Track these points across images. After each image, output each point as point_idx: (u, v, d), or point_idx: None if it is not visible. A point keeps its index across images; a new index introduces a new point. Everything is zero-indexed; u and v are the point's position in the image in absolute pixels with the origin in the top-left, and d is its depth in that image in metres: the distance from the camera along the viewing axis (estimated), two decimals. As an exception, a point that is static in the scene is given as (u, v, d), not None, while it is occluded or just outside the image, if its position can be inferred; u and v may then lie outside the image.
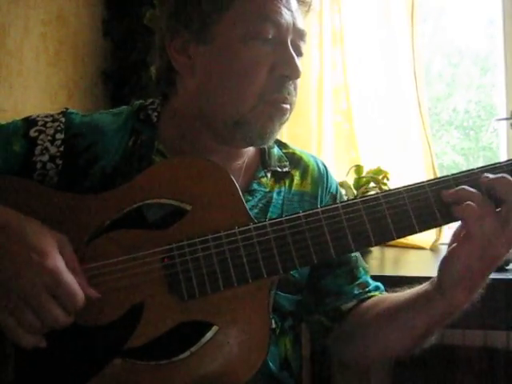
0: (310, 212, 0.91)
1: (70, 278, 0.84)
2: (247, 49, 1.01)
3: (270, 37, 1.01)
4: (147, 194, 0.93)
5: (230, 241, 0.90)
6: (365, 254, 1.92)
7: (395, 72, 2.25)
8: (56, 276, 0.82)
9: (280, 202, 1.13)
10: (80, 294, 0.84)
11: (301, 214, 0.91)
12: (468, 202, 0.88)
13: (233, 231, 0.90)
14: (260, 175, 1.13)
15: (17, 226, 0.86)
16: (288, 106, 1.05)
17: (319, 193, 1.19)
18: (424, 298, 0.99)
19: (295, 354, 1.14)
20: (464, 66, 2.61)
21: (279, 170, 1.16)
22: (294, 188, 1.16)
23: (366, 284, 1.18)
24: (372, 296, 1.16)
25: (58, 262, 0.83)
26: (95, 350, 0.89)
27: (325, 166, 1.24)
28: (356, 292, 1.16)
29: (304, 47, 1.08)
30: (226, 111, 1.03)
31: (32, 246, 0.83)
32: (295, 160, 1.21)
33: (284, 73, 1.02)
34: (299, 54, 1.06)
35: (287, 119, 1.08)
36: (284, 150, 1.22)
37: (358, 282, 1.17)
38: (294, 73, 1.03)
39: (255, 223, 0.91)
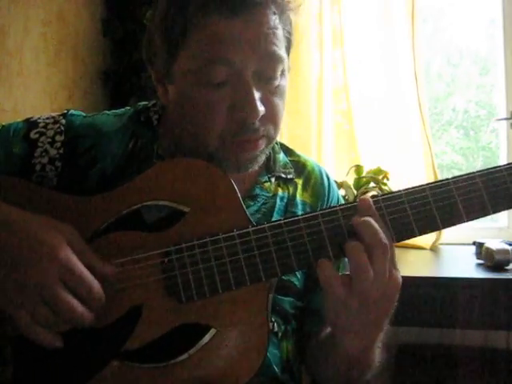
0: (309, 215, 0.91)
1: (82, 268, 0.84)
2: (201, 94, 0.96)
3: (224, 79, 0.95)
4: (146, 196, 0.93)
5: (229, 244, 0.90)
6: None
7: (395, 72, 2.25)
8: (69, 266, 0.82)
9: (283, 208, 1.12)
10: (94, 281, 0.84)
11: (300, 217, 0.91)
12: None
13: (231, 234, 0.90)
14: (263, 180, 1.12)
15: (23, 222, 0.86)
16: (259, 142, 0.99)
17: (321, 205, 1.17)
18: (331, 342, 0.99)
19: (297, 357, 1.14)
20: (464, 66, 2.61)
21: (283, 176, 1.15)
22: (297, 196, 1.15)
23: None
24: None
25: (69, 254, 0.83)
26: (93, 352, 0.89)
27: (328, 178, 1.22)
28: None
29: (280, 69, 0.98)
30: (197, 145, 1.00)
31: (41, 240, 0.83)
32: (299, 168, 1.19)
33: (242, 115, 0.95)
34: (270, 78, 0.98)
35: (267, 148, 1.03)
36: (290, 158, 1.20)
37: None
38: (252, 115, 0.95)
39: (254, 226, 0.91)
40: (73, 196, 0.95)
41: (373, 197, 0.93)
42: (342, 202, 1.24)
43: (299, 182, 1.17)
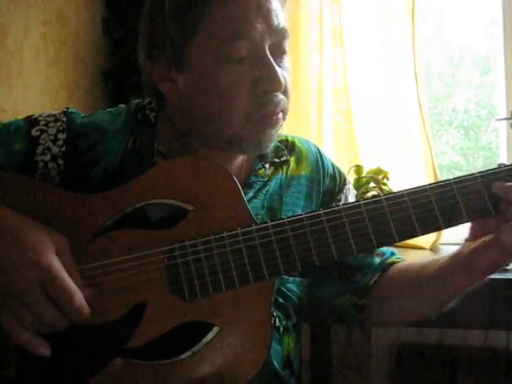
0: (313, 214, 0.92)
1: (65, 275, 0.83)
2: (223, 72, 0.97)
3: (245, 55, 0.97)
4: (150, 194, 0.93)
5: (232, 242, 0.90)
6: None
7: (395, 72, 2.25)
8: (51, 273, 0.82)
9: (277, 187, 1.13)
10: (77, 291, 0.84)
11: (303, 216, 0.91)
12: None
13: (235, 232, 0.90)
14: (257, 167, 1.14)
15: (12, 226, 0.86)
16: (279, 116, 1.03)
17: (317, 176, 1.19)
18: (449, 273, 1.02)
19: (297, 354, 1.15)
20: (464, 66, 2.61)
21: (277, 160, 1.16)
22: (289, 173, 1.16)
23: (382, 252, 1.20)
24: (391, 263, 1.19)
25: (53, 260, 0.83)
26: (96, 349, 0.89)
27: (317, 148, 1.25)
28: (377, 262, 1.18)
29: (288, 44, 1.03)
30: (216, 132, 1.02)
31: (27, 245, 0.83)
32: (289, 146, 1.21)
33: (266, 88, 0.99)
34: (283, 53, 1.02)
35: (282, 125, 1.06)
36: (278, 139, 1.21)
37: (376, 253, 1.19)
38: (277, 85, 0.99)
39: (257, 224, 0.91)
40: (77, 193, 0.96)
41: (375, 196, 0.93)
42: (336, 168, 1.25)
43: (291, 159, 1.19)
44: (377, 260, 1.18)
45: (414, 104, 2.19)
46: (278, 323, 1.08)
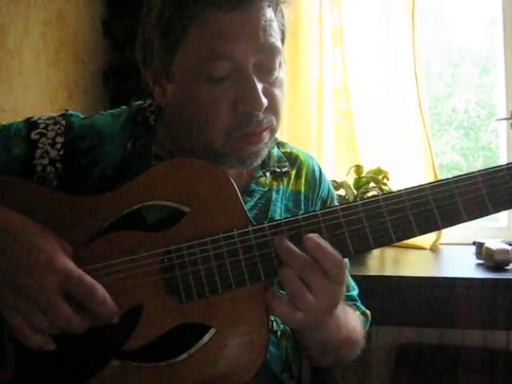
0: (309, 215, 0.91)
1: (82, 272, 0.83)
2: (202, 90, 0.96)
3: (224, 74, 0.96)
4: (146, 196, 0.93)
5: (229, 243, 0.90)
6: (365, 254, 1.93)
7: (395, 72, 2.25)
8: (69, 273, 0.82)
9: (279, 200, 1.14)
10: (99, 286, 0.83)
11: (299, 217, 0.91)
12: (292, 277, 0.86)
13: (231, 233, 0.90)
14: (258, 175, 1.14)
15: (21, 229, 0.86)
16: (263, 135, 1.00)
17: (312, 196, 1.19)
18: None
19: (296, 356, 1.15)
20: (464, 66, 2.61)
21: (278, 170, 1.16)
22: (290, 187, 1.17)
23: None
24: None
25: (67, 261, 0.84)
26: (93, 352, 0.89)
27: (320, 169, 1.24)
28: None
29: (278, 60, 1.00)
30: (200, 145, 1.01)
31: (39, 248, 0.83)
32: (292, 159, 1.21)
33: (247, 109, 0.96)
34: (271, 69, 0.99)
35: (270, 141, 1.03)
36: (282, 150, 1.22)
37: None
38: (257, 106, 0.96)
39: (254, 225, 0.91)
40: (74, 196, 0.95)
41: (373, 196, 0.93)
42: (333, 193, 1.25)
43: (292, 172, 1.19)
44: None
45: (414, 104, 2.20)
46: (275, 327, 1.08)
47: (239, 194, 0.94)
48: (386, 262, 2.05)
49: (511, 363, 2.02)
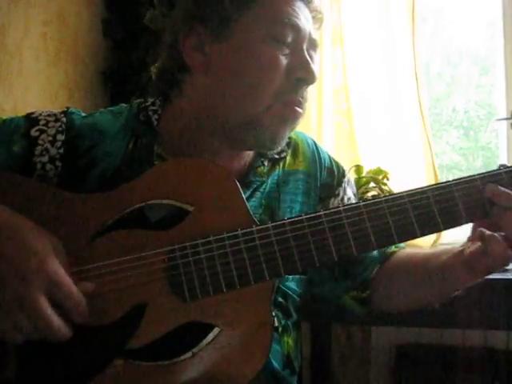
0: (313, 215, 0.92)
1: (70, 281, 0.84)
2: (266, 49, 1.01)
3: (289, 40, 1.02)
4: (150, 195, 0.93)
5: (233, 243, 0.90)
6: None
7: (395, 72, 2.25)
8: (57, 279, 0.82)
9: (274, 185, 1.13)
10: (81, 297, 0.84)
11: (303, 217, 0.91)
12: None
13: (235, 233, 0.90)
14: (256, 165, 1.13)
15: (13, 227, 0.86)
16: (301, 110, 1.05)
17: (314, 171, 1.19)
18: (450, 270, 1.03)
19: (297, 352, 1.15)
20: (464, 66, 2.61)
21: (276, 156, 1.16)
22: (286, 168, 1.16)
23: None
24: (391, 253, 1.19)
25: (57, 266, 0.83)
26: (97, 350, 0.89)
27: (313, 141, 1.25)
28: (377, 255, 1.18)
29: (316, 57, 1.08)
30: (240, 110, 1.02)
31: (30, 248, 0.83)
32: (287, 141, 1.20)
33: (301, 76, 1.03)
34: (312, 62, 1.06)
35: (297, 125, 1.08)
36: None
37: None
38: (311, 77, 1.04)
39: (258, 225, 0.91)
40: (76, 194, 0.95)
41: (374, 197, 0.93)
42: (334, 161, 1.25)
43: (288, 153, 1.18)
44: (376, 252, 1.18)
45: (414, 104, 2.19)
46: (276, 323, 1.08)
47: (242, 193, 0.94)
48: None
49: (511, 363, 2.01)
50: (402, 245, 1.21)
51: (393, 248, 1.20)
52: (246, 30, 1.02)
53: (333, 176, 1.21)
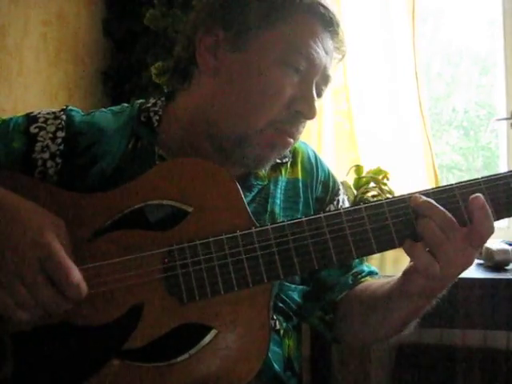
0: (313, 218, 0.91)
1: (63, 253, 0.83)
2: (275, 73, 1.00)
3: (302, 69, 1.01)
4: (149, 195, 0.93)
5: (232, 245, 0.90)
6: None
7: (395, 72, 2.25)
8: (50, 251, 0.81)
9: (277, 192, 1.13)
10: (74, 268, 0.82)
11: (303, 220, 0.91)
12: (430, 224, 0.88)
13: (234, 235, 0.90)
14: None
15: (12, 205, 0.86)
16: (292, 141, 1.05)
17: (311, 182, 1.18)
18: (390, 298, 1.01)
19: (298, 354, 1.15)
20: (464, 66, 2.61)
21: (278, 161, 1.15)
22: (287, 176, 1.16)
23: (360, 272, 1.18)
24: (362, 281, 1.17)
25: (53, 239, 0.83)
26: (93, 350, 0.89)
27: (315, 154, 1.24)
28: (350, 282, 1.16)
29: (325, 92, 1.08)
30: (232, 124, 1.02)
31: (28, 225, 0.83)
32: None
33: (301, 110, 1.02)
34: (319, 95, 1.06)
35: (284, 152, 1.08)
36: None
37: (352, 272, 1.17)
38: (311, 113, 1.02)
39: (257, 227, 0.91)
40: (76, 193, 0.95)
41: (375, 200, 0.93)
42: (332, 177, 1.25)
43: (288, 161, 1.18)
44: (350, 279, 1.16)
45: (414, 104, 2.20)
46: (278, 326, 1.07)
47: (242, 195, 0.94)
48: (386, 261, 2.05)
49: (511, 363, 2.02)
50: (376, 273, 1.21)
51: (367, 277, 1.18)
52: (262, 48, 1.01)
53: (327, 191, 1.21)
